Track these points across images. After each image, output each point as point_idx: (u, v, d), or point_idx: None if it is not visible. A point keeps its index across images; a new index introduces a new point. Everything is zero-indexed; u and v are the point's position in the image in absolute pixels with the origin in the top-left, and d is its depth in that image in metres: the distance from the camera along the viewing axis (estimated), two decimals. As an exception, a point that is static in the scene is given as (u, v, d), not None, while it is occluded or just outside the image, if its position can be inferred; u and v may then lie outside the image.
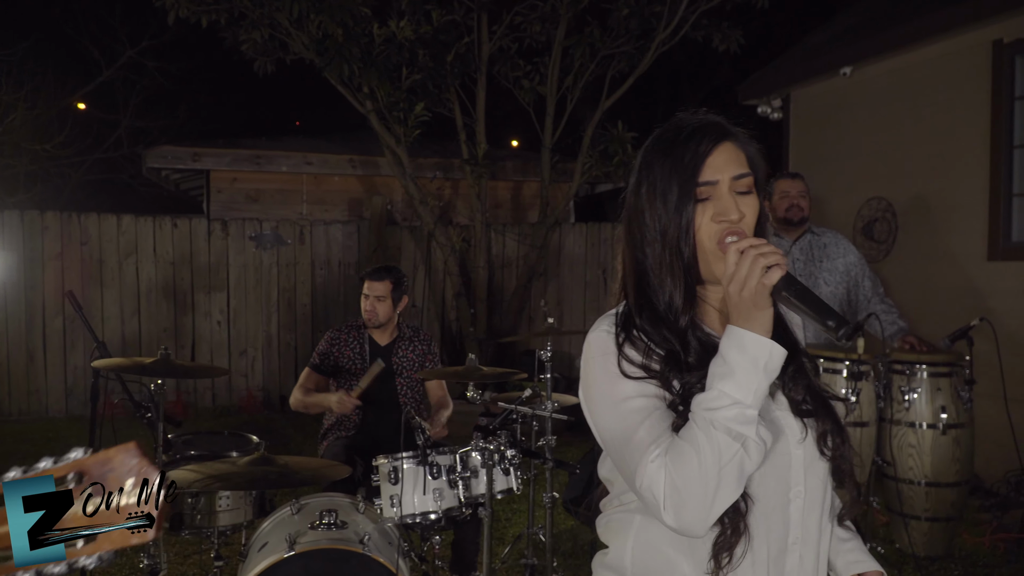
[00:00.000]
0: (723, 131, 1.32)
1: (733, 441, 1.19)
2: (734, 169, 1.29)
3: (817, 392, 1.36)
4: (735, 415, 1.19)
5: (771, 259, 1.20)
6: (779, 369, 1.23)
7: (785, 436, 1.32)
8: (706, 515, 1.20)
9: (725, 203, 1.28)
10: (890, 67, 6.26)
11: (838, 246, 3.97)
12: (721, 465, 1.18)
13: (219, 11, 6.84)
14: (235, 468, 2.68)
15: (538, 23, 7.56)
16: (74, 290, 6.85)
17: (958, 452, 3.36)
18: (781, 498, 1.31)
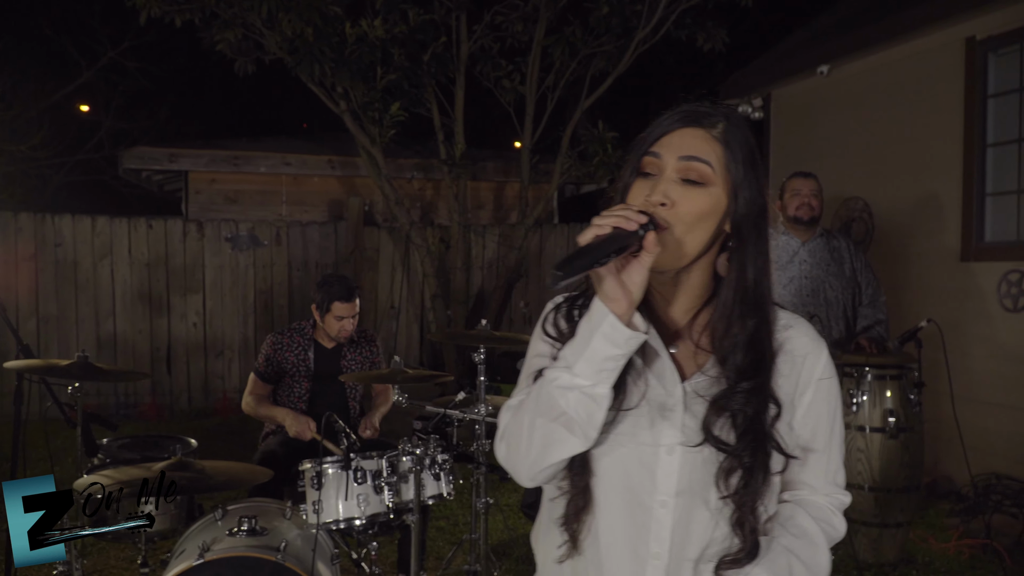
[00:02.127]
0: (699, 117, 1.25)
1: (548, 409, 1.18)
2: (686, 150, 1.22)
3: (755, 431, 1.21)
4: (560, 378, 1.18)
5: (597, 222, 1.13)
6: (623, 345, 1.14)
7: (657, 435, 1.23)
8: (525, 469, 1.24)
9: (656, 184, 1.21)
10: (866, 66, 6.18)
11: (847, 250, 3.91)
12: (537, 427, 1.20)
13: (192, 11, 6.79)
14: (148, 473, 2.62)
15: (520, 23, 7.50)
16: (42, 293, 6.77)
17: (907, 457, 3.29)
18: (639, 496, 1.24)
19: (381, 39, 6.57)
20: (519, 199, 7.92)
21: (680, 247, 1.22)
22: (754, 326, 1.25)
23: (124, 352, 7.58)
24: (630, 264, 1.15)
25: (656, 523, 1.24)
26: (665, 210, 1.20)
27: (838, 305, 3.79)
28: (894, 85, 5.95)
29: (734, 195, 1.24)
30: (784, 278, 3.81)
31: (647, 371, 1.26)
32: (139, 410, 7.54)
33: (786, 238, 3.89)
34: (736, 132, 1.26)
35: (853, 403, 3.31)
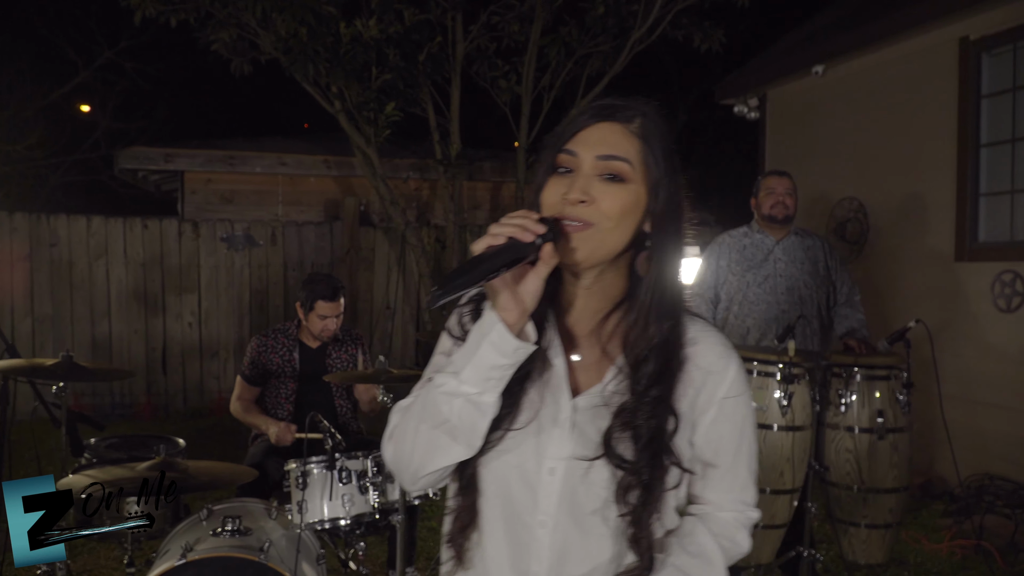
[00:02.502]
0: (615, 112, 1.21)
1: (433, 415, 1.16)
2: (603, 148, 1.18)
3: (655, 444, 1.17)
4: (447, 384, 1.15)
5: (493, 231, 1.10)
6: (510, 355, 1.12)
7: (541, 453, 1.20)
8: (408, 473, 1.22)
9: (573, 181, 1.17)
10: (861, 66, 6.18)
11: (821, 248, 3.90)
12: (422, 432, 1.18)
13: (186, 11, 6.79)
14: (131, 473, 2.62)
15: (516, 23, 7.49)
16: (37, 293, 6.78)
17: (895, 457, 3.28)
18: (522, 516, 1.21)
19: (375, 39, 6.56)
20: (515, 199, 7.92)
21: (603, 246, 1.18)
22: (669, 329, 1.21)
23: (119, 352, 7.58)
24: (526, 274, 1.12)
25: (536, 543, 1.21)
26: (585, 208, 1.17)
27: (812, 303, 3.80)
28: (888, 85, 5.94)
29: (654, 192, 1.20)
30: (759, 276, 3.82)
31: (542, 384, 1.22)
32: (134, 410, 7.54)
33: (760, 236, 3.89)
34: (654, 127, 1.22)
35: (841, 403, 3.31)
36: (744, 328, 3.82)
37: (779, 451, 3.23)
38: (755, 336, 3.75)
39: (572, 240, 1.16)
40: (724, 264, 3.89)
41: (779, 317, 3.76)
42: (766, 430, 3.26)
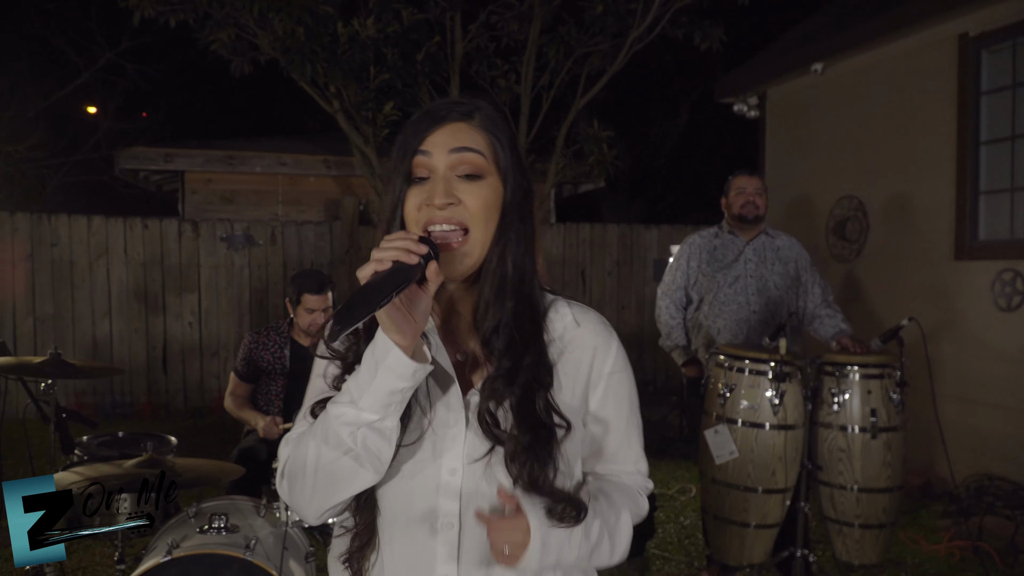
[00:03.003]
0: (453, 109, 1.22)
1: (336, 446, 1.13)
2: (455, 142, 1.19)
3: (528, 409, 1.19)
4: (346, 415, 1.13)
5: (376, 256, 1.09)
6: (409, 379, 1.10)
7: (438, 457, 1.20)
8: (309, 507, 1.19)
9: (434, 185, 1.18)
10: (860, 64, 6.15)
11: (791, 249, 3.88)
12: (323, 464, 1.14)
13: (185, 11, 6.80)
14: (118, 470, 2.62)
15: (515, 22, 7.48)
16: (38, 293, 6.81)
17: (889, 457, 3.25)
18: (423, 523, 1.20)
19: (373, 39, 6.56)
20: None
21: (479, 248, 1.20)
22: (512, 308, 1.21)
23: (120, 351, 7.60)
24: (415, 295, 1.11)
25: (443, 546, 1.20)
26: (453, 209, 1.17)
27: (783, 303, 3.78)
28: (887, 82, 5.91)
29: (505, 182, 1.22)
30: (730, 277, 3.81)
31: (432, 394, 1.22)
32: (135, 409, 7.55)
33: (731, 237, 3.88)
34: (494, 118, 1.24)
35: (834, 402, 3.28)
36: (715, 329, 3.82)
37: (771, 450, 3.21)
38: (726, 337, 3.75)
39: (451, 255, 1.18)
40: (695, 265, 3.89)
41: (749, 318, 3.76)
42: (757, 429, 3.23)
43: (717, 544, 3.46)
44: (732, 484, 3.29)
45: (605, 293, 8.80)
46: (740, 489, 3.27)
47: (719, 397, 3.32)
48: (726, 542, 3.39)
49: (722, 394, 3.31)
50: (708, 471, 3.40)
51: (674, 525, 4.73)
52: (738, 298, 3.77)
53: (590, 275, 8.76)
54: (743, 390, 3.26)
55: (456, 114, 1.22)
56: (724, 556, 3.44)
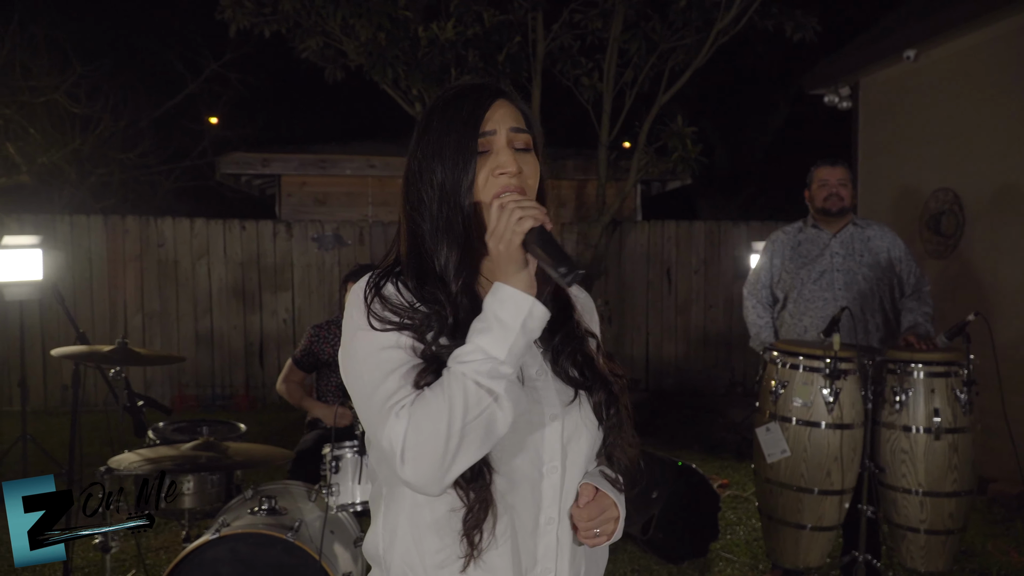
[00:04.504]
0: (498, 90, 1.32)
1: (484, 395, 1.15)
2: (511, 122, 1.28)
3: (592, 364, 1.33)
4: (488, 369, 1.15)
5: (528, 212, 1.17)
6: (540, 329, 1.20)
7: (540, 407, 1.28)
8: (444, 471, 1.15)
9: (504, 156, 1.26)
10: (955, 49, 5.85)
11: (883, 239, 3.64)
12: (467, 420, 1.14)
13: (277, 21, 7.10)
14: (176, 452, 2.79)
15: (599, 19, 7.45)
16: (146, 290, 7.24)
17: (955, 459, 3.09)
18: (531, 471, 1.26)
19: (452, 41, 6.67)
20: (597, 197, 7.88)
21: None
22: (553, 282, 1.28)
23: (220, 346, 8.01)
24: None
25: (548, 490, 1.28)
26: (520, 178, 1.26)
27: (873, 297, 3.56)
28: (986, 68, 5.60)
29: (539, 156, 1.32)
30: (814, 272, 3.62)
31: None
32: (234, 401, 7.95)
33: (815, 231, 3.69)
34: (518, 98, 1.34)
35: (896, 401, 3.14)
36: (801, 327, 3.63)
37: (825, 450, 3.11)
38: (812, 335, 3.56)
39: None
40: (778, 262, 3.72)
41: (836, 312, 3.55)
42: (812, 427, 3.14)
43: (772, 546, 3.38)
44: (785, 484, 3.20)
45: (692, 292, 8.65)
46: (793, 489, 3.18)
47: (771, 394, 3.24)
48: (781, 543, 3.30)
49: (774, 391, 3.23)
50: (761, 470, 3.32)
51: (744, 527, 4.62)
52: (824, 294, 3.58)
53: (675, 273, 8.63)
54: (796, 387, 3.17)
55: (502, 93, 1.32)
56: (779, 558, 3.35)
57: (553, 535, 1.28)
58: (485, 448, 1.17)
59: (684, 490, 4.01)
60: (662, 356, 8.62)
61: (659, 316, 8.59)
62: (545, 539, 1.28)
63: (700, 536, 4.10)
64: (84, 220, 7.84)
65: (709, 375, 8.62)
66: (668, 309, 8.61)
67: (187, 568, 2.62)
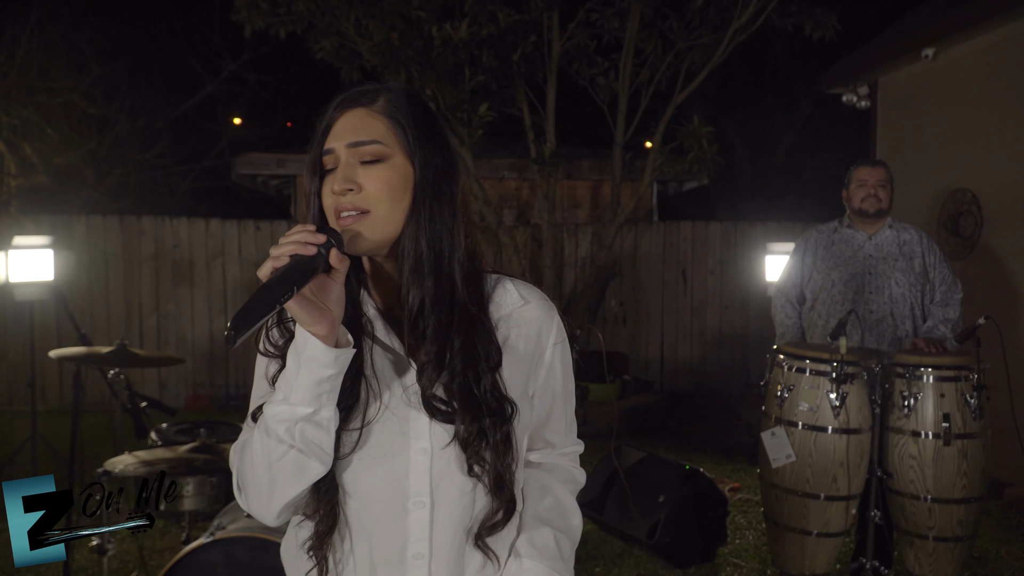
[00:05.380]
0: (357, 97, 1.25)
1: (278, 443, 1.14)
2: (351, 136, 1.22)
3: (468, 391, 1.21)
4: (281, 413, 1.14)
5: (267, 262, 1.09)
6: (325, 361, 1.12)
7: (406, 439, 1.22)
8: (267, 509, 1.20)
9: (337, 173, 1.21)
10: (973, 47, 5.74)
11: (919, 244, 3.55)
12: (270, 463, 1.16)
13: (292, 22, 7.12)
14: (172, 455, 2.78)
15: (615, 19, 7.41)
16: (162, 291, 7.28)
17: (965, 465, 3.02)
18: (393, 503, 1.22)
19: (465, 41, 6.65)
20: (612, 197, 7.83)
21: (386, 227, 1.21)
22: (432, 288, 1.22)
23: (236, 348, 8.02)
24: (325, 284, 1.12)
25: (415, 524, 1.22)
26: (354, 196, 1.19)
27: (905, 302, 3.46)
28: (1005, 67, 5.49)
29: (413, 162, 1.23)
30: (846, 274, 3.53)
31: (385, 373, 1.24)
32: (245, 403, 7.96)
33: (850, 231, 3.59)
34: (398, 101, 1.26)
35: (904, 406, 3.07)
36: (829, 328, 3.52)
37: (831, 455, 3.05)
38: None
39: (352, 232, 1.19)
40: (809, 261, 3.63)
41: (866, 317, 3.46)
42: (818, 432, 3.08)
43: (777, 552, 3.32)
44: (791, 489, 3.14)
45: (707, 293, 8.57)
46: (799, 495, 3.13)
47: (776, 398, 3.19)
48: (786, 550, 3.24)
49: (779, 395, 3.17)
50: (767, 475, 3.26)
51: (754, 532, 4.56)
52: (854, 296, 3.50)
53: (691, 274, 8.56)
54: (802, 391, 3.11)
55: (360, 101, 1.25)
56: (785, 564, 3.29)
57: (424, 570, 1.23)
58: (303, 483, 1.17)
59: (691, 494, 3.95)
60: (677, 358, 8.55)
61: (674, 317, 8.52)
62: (413, 574, 1.23)
63: (707, 540, 4.04)
64: (100, 220, 7.90)
65: (725, 377, 8.54)
66: (683, 310, 8.54)
67: (181, 571, 2.60)
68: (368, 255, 1.25)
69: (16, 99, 8.68)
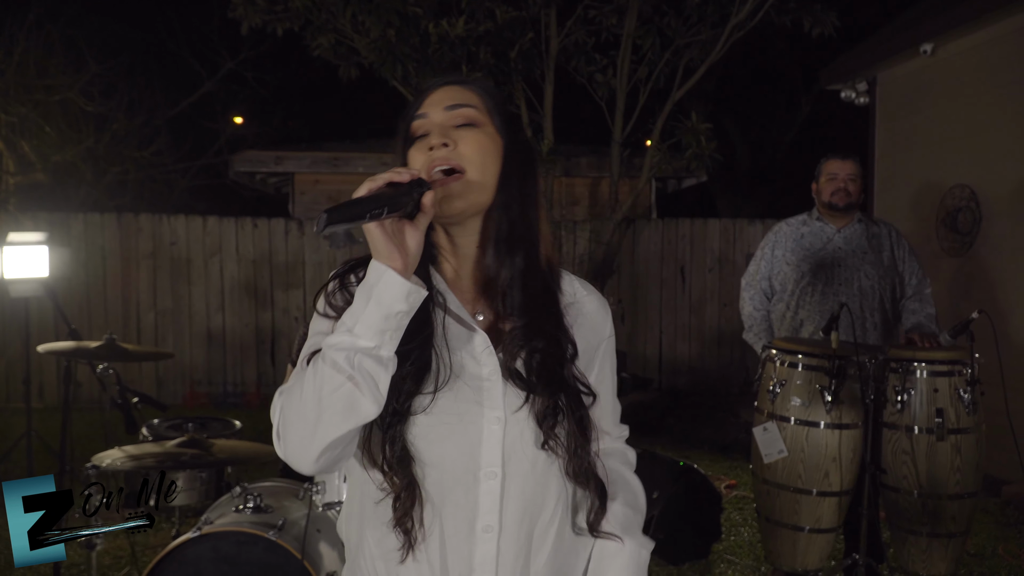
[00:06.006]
0: (452, 79, 1.30)
1: (334, 373, 1.11)
2: (448, 101, 1.25)
3: (549, 369, 1.23)
4: (342, 342, 1.11)
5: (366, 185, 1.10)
6: (401, 299, 1.11)
7: (480, 408, 1.21)
8: (308, 448, 1.14)
9: (434, 132, 1.23)
10: (972, 43, 5.72)
11: (888, 237, 3.58)
12: (321, 396, 1.11)
13: (289, 19, 7.10)
14: (160, 450, 2.77)
15: (614, 15, 7.39)
16: (159, 288, 7.26)
17: (958, 461, 3.00)
18: (466, 473, 1.21)
19: (462, 38, 6.63)
20: (611, 195, 7.81)
21: (480, 191, 1.23)
22: (522, 264, 1.24)
23: (232, 344, 8.03)
24: (405, 227, 1.13)
25: (485, 496, 1.21)
26: (449, 151, 1.21)
27: (874, 295, 3.48)
28: (1004, 62, 5.46)
29: (502, 134, 1.26)
30: (815, 266, 3.56)
31: (457, 345, 1.23)
32: (244, 399, 7.97)
33: (820, 224, 3.61)
34: (487, 86, 1.31)
35: (897, 401, 3.05)
36: (798, 321, 3.57)
37: (823, 450, 3.03)
38: (809, 329, 3.51)
39: (449, 191, 1.20)
40: (779, 254, 3.66)
41: (834, 309, 3.47)
42: (810, 427, 3.06)
43: (770, 548, 3.30)
44: (783, 485, 3.13)
45: (706, 290, 8.55)
46: (791, 490, 3.11)
47: (768, 393, 3.17)
48: (778, 545, 3.23)
49: (772, 390, 3.15)
50: (759, 471, 3.25)
51: (749, 529, 4.55)
52: (824, 289, 3.52)
53: (689, 271, 8.54)
54: (794, 386, 3.09)
55: (454, 81, 1.29)
56: (777, 560, 3.27)
57: (492, 544, 1.22)
58: (351, 422, 1.13)
59: (685, 490, 3.94)
60: (676, 355, 8.53)
61: (673, 315, 8.51)
62: (483, 547, 1.22)
63: (702, 537, 4.03)
64: (98, 218, 7.90)
65: (723, 374, 8.52)
66: (682, 308, 8.52)
67: (169, 566, 2.60)
68: (458, 220, 1.25)
69: (14, 97, 8.69)
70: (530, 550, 1.25)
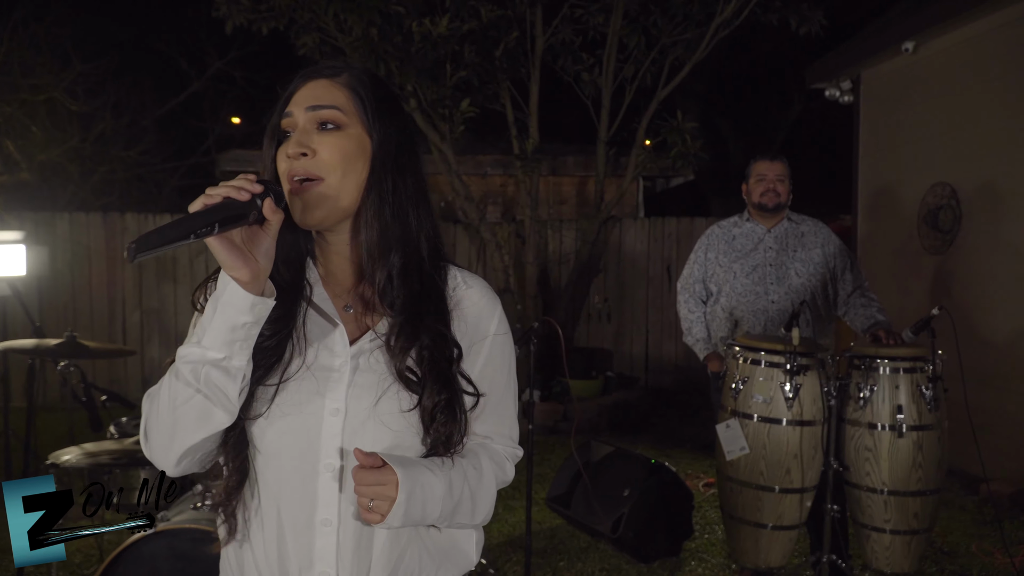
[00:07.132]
0: (321, 70, 1.26)
1: (184, 386, 1.13)
2: (311, 100, 1.22)
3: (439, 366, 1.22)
4: (191, 354, 1.14)
5: (203, 198, 1.10)
6: (245, 308, 1.11)
7: (322, 399, 1.21)
8: (167, 453, 1.18)
9: (293, 138, 1.22)
10: (954, 40, 5.71)
11: (817, 235, 3.64)
12: (175, 407, 1.14)
13: (274, 18, 7.10)
14: (118, 447, 2.77)
15: (600, 14, 7.39)
16: (145, 287, 7.26)
17: (920, 457, 2.99)
18: (304, 464, 1.21)
19: (445, 36, 6.63)
20: (596, 193, 7.81)
21: (339, 198, 1.21)
22: (400, 262, 1.23)
23: (218, 343, 8.03)
24: (256, 235, 1.13)
25: (323, 489, 1.21)
26: (307, 160, 1.19)
27: (806, 292, 3.54)
28: (985, 60, 5.46)
29: (371, 135, 1.23)
30: (747, 266, 3.61)
31: (315, 337, 1.23)
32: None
33: (751, 225, 3.67)
34: (361, 78, 1.27)
35: (860, 398, 3.05)
36: (732, 321, 3.64)
37: (784, 447, 3.03)
38: (744, 329, 3.57)
39: (307, 200, 1.20)
40: (712, 256, 3.71)
41: (767, 308, 3.56)
42: (771, 424, 3.06)
43: (733, 545, 3.30)
44: (745, 482, 3.12)
45: (693, 289, 8.54)
46: (753, 487, 3.11)
47: (731, 390, 3.17)
48: (742, 543, 3.23)
49: (734, 387, 3.15)
50: (723, 468, 3.24)
51: (723, 527, 4.54)
52: (756, 288, 3.59)
53: (676, 270, 8.52)
54: (756, 383, 3.09)
55: (323, 73, 1.26)
56: (740, 557, 3.27)
57: (332, 538, 1.21)
58: (205, 431, 1.16)
59: (656, 488, 3.93)
60: (662, 354, 8.53)
61: (659, 314, 8.50)
62: (322, 540, 1.21)
63: (673, 535, 4.02)
64: (83, 218, 7.90)
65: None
66: (668, 307, 8.51)
67: (124, 563, 2.59)
68: (322, 227, 1.25)
69: (-1, 96, 8.70)
70: (372, 543, 1.23)
